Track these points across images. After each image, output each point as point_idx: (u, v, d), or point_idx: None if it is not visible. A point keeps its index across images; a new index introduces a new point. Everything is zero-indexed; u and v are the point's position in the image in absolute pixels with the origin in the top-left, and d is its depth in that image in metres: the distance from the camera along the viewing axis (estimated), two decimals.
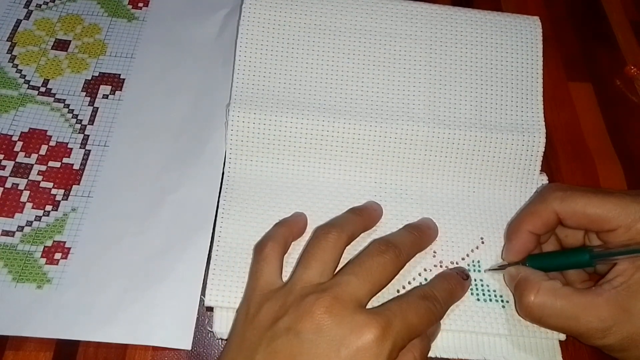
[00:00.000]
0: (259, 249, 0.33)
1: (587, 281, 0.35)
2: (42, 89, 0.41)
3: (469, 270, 0.36)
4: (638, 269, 0.31)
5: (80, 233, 0.36)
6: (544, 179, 0.40)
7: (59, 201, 0.37)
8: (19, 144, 0.39)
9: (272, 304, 0.30)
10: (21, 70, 0.42)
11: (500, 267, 0.36)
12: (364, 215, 0.36)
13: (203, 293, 0.34)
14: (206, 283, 0.34)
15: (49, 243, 0.35)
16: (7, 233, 0.35)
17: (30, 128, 0.40)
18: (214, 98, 0.42)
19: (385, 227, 0.37)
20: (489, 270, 0.37)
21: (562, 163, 0.43)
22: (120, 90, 0.42)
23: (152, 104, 0.42)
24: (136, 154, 0.39)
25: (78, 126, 0.40)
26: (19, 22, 0.44)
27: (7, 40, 0.43)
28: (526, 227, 0.34)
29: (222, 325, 0.34)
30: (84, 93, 0.42)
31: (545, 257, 0.35)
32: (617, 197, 0.32)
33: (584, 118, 0.46)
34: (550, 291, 0.32)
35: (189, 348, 0.33)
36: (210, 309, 0.34)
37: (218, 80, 0.43)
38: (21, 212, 0.36)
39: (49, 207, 0.37)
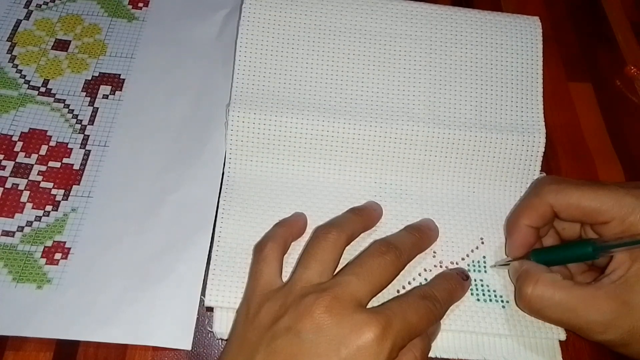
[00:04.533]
0: (259, 249, 0.33)
1: (587, 271, 0.36)
2: (42, 89, 0.41)
3: (469, 270, 0.36)
4: (635, 262, 0.31)
5: (80, 233, 0.36)
6: None
7: (59, 201, 0.37)
8: (19, 144, 0.39)
9: (272, 304, 0.30)
10: (21, 71, 0.42)
11: (505, 264, 0.36)
12: (364, 215, 0.36)
13: (203, 293, 0.34)
14: (206, 283, 0.34)
15: (49, 243, 0.35)
16: (7, 233, 0.35)
17: (30, 128, 0.40)
18: (214, 98, 0.42)
19: (385, 227, 0.38)
20: (495, 266, 0.37)
21: (562, 163, 0.43)
22: (120, 90, 0.42)
23: (152, 104, 0.42)
24: (136, 154, 0.39)
25: (78, 126, 0.40)
26: (19, 22, 0.44)
27: (7, 40, 0.43)
28: (523, 221, 0.35)
29: (222, 325, 0.33)
30: (84, 93, 0.42)
31: (548, 251, 0.35)
32: (611, 190, 0.33)
33: (584, 118, 0.46)
34: (549, 283, 0.32)
35: (189, 348, 0.33)
36: (210, 309, 0.34)
37: (218, 80, 0.43)
38: (21, 212, 0.36)
39: (49, 207, 0.37)
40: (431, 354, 0.33)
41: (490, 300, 0.35)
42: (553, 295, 0.31)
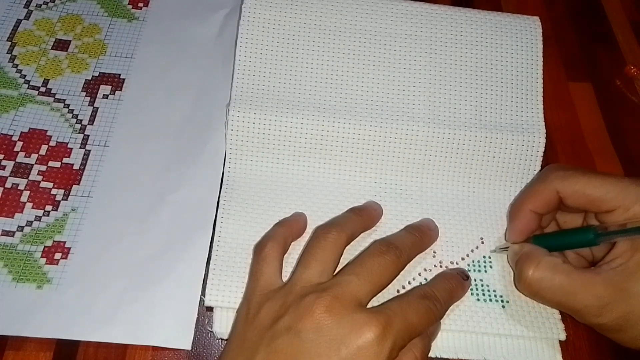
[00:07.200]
0: (259, 249, 0.33)
1: (587, 266, 0.36)
2: (42, 89, 0.41)
3: (469, 270, 0.36)
4: (636, 251, 0.31)
5: (80, 233, 0.36)
6: None
7: (59, 201, 0.37)
8: (19, 144, 0.39)
9: (272, 304, 0.30)
10: (21, 70, 0.42)
11: (505, 248, 0.36)
12: (364, 215, 0.36)
13: (203, 293, 0.34)
14: (206, 283, 0.34)
15: (49, 243, 0.35)
16: (7, 233, 0.35)
17: (30, 128, 0.40)
18: (214, 98, 0.42)
19: (385, 227, 0.38)
20: (494, 251, 0.37)
21: (562, 163, 0.43)
22: (120, 90, 0.42)
23: (152, 104, 0.42)
24: (136, 154, 0.39)
25: (78, 126, 0.40)
26: (19, 22, 0.44)
27: (7, 40, 0.43)
28: (528, 206, 0.35)
29: (222, 325, 0.33)
30: (84, 93, 0.42)
31: (550, 236, 0.35)
32: (616, 179, 0.33)
33: (584, 118, 0.46)
34: (549, 266, 0.32)
35: (189, 348, 0.33)
36: (210, 309, 0.34)
37: (218, 80, 0.43)
38: (21, 212, 0.36)
39: (49, 207, 0.37)
40: (431, 354, 0.33)
41: (490, 300, 0.35)
42: (553, 278, 0.32)
